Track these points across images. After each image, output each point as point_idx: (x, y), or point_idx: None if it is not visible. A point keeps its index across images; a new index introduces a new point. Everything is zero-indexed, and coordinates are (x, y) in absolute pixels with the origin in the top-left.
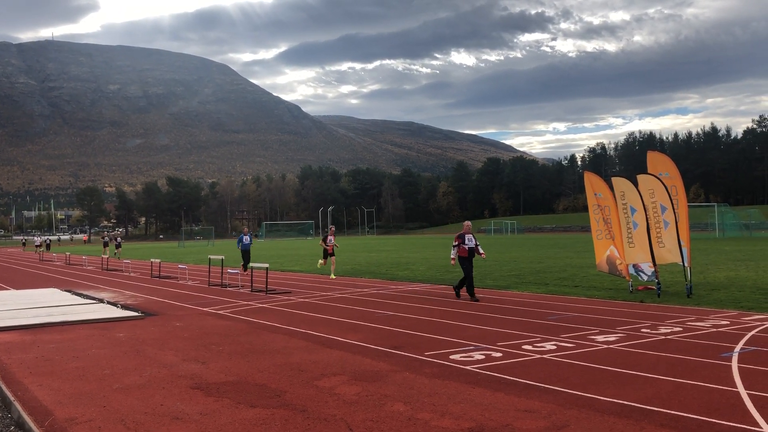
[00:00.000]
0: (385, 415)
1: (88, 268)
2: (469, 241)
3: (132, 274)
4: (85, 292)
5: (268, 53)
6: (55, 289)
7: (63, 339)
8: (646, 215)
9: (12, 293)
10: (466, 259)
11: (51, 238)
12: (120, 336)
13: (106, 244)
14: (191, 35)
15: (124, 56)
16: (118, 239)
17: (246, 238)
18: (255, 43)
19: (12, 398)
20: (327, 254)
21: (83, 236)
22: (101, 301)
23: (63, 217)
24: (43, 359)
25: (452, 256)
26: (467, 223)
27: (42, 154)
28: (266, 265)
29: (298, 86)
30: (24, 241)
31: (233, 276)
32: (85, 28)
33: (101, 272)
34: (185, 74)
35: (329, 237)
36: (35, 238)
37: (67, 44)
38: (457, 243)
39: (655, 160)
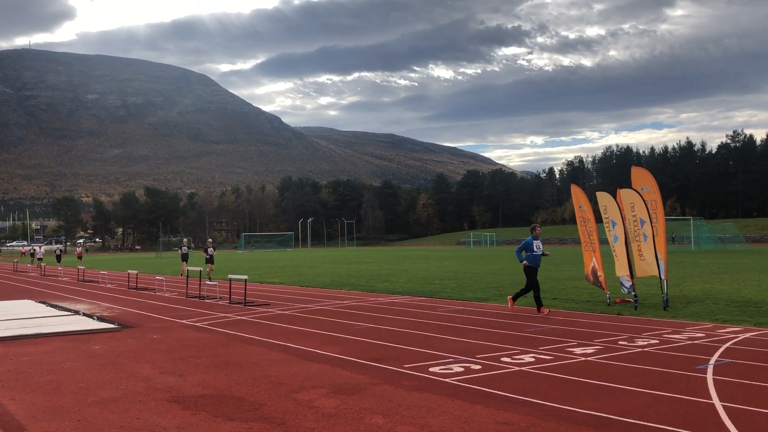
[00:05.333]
0: (364, 428)
1: (64, 279)
2: None
3: (108, 286)
4: (60, 304)
5: (246, 64)
6: (30, 300)
7: (37, 351)
8: (624, 229)
9: None
10: None
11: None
12: (96, 348)
13: (185, 257)
14: (168, 45)
15: (102, 65)
16: (210, 249)
17: (538, 244)
18: (233, 53)
19: None
20: None
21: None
22: (77, 312)
23: (38, 227)
24: (17, 372)
25: None
26: None
27: (17, 164)
28: (245, 277)
29: (276, 97)
30: (32, 251)
31: (211, 288)
32: (60, 36)
33: (77, 283)
34: (164, 84)
35: None
36: (35, 247)
37: (44, 53)
38: None
39: (639, 175)
